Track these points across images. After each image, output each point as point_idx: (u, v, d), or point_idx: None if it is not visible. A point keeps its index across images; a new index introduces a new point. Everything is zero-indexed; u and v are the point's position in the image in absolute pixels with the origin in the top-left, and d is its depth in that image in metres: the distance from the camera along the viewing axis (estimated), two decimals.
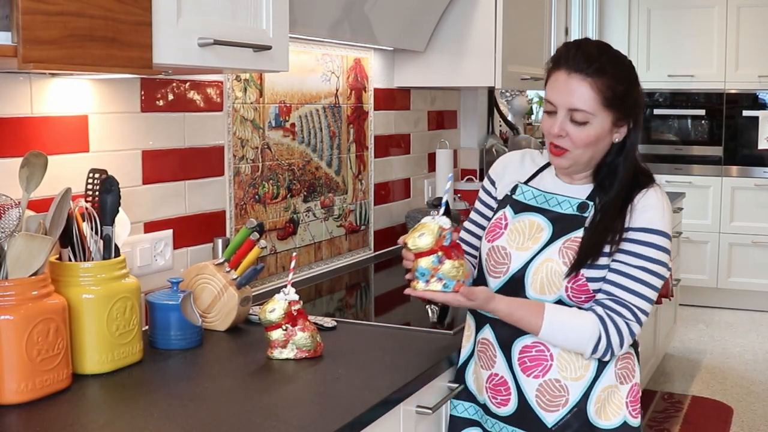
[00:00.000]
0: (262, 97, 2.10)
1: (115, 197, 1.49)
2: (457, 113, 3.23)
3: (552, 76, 1.47)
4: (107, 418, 1.29)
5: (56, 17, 1.15)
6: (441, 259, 1.36)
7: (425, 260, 1.36)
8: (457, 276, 1.37)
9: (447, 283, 1.37)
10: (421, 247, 1.36)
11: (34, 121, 1.51)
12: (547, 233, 1.48)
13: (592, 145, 1.45)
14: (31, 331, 1.30)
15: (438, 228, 1.36)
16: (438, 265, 1.36)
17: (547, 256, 1.46)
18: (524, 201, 1.53)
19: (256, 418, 1.27)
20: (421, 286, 1.39)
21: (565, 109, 1.43)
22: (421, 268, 1.37)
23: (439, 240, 1.36)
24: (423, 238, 1.36)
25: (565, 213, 1.49)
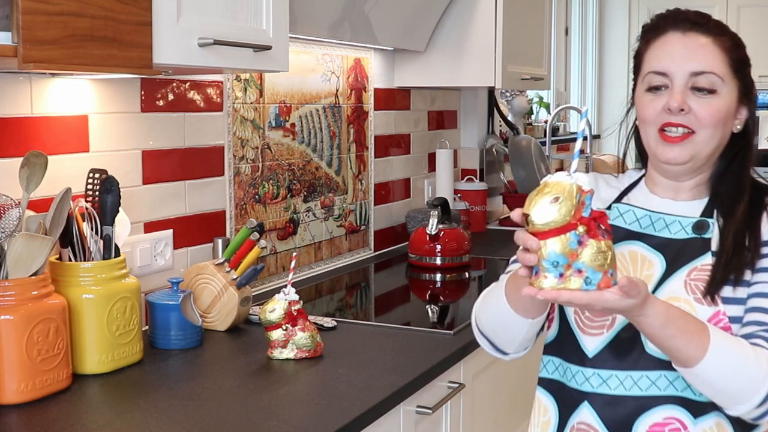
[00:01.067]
0: (262, 97, 2.10)
1: (115, 197, 1.49)
2: (457, 113, 3.23)
3: (655, 43, 1.15)
4: (107, 418, 1.29)
5: (56, 17, 1.15)
6: (582, 238, 0.90)
7: (558, 241, 0.90)
8: (604, 265, 0.92)
9: (590, 277, 0.91)
10: (554, 220, 0.90)
11: (34, 121, 1.51)
12: (660, 267, 1.12)
13: (720, 124, 1.12)
14: (31, 331, 1.30)
15: (575, 189, 0.91)
16: (578, 249, 0.90)
17: (670, 293, 1.09)
18: (624, 226, 1.16)
19: (256, 418, 1.27)
20: (551, 282, 0.92)
21: (685, 75, 1.11)
22: (552, 254, 0.91)
23: (578, 209, 0.91)
24: (556, 206, 0.90)
25: (676, 238, 1.13)
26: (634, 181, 1.23)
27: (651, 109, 1.13)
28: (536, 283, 0.93)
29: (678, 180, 1.17)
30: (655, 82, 1.13)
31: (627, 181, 1.24)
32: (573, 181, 0.91)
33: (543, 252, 0.91)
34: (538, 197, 0.91)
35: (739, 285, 1.09)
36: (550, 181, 0.92)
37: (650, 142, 1.15)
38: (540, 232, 0.91)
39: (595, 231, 0.91)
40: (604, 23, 5.59)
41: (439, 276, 2.39)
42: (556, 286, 0.92)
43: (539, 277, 0.93)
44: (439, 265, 2.42)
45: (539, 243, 0.91)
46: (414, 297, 2.32)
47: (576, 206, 0.90)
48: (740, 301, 1.08)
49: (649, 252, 1.13)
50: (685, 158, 1.12)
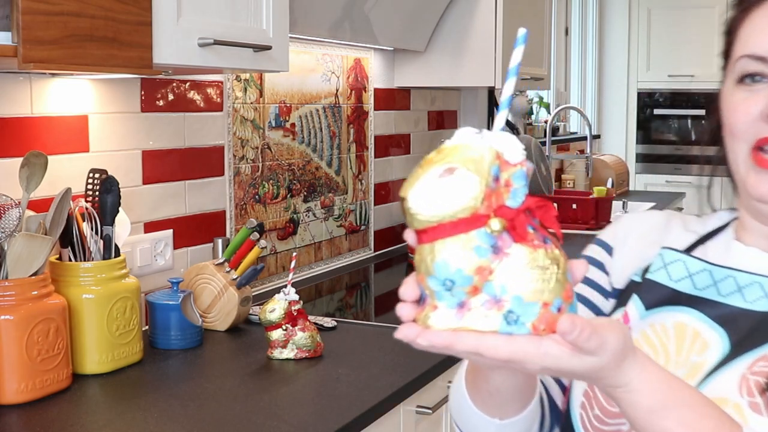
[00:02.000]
0: (262, 97, 2.10)
1: (115, 197, 1.49)
2: (458, 113, 3.24)
3: (756, 12, 0.77)
4: (107, 418, 1.29)
5: (56, 17, 1.15)
6: (499, 242, 0.54)
7: (455, 246, 0.53)
8: (544, 292, 0.54)
9: (515, 312, 0.54)
10: (447, 210, 0.53)
11: (34, 121, 1.51)
12: (718, 351, 0.75)
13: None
14: (32, 331, 1.30)
15: (493, 158, 0.54)
16: (492, 260, 0.54)
17: (715, 392, 0.71)
18: (667, 283, 0.79)
19: (256, 418, 1.27)
20: (442, 317, 0.55)
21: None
22: (443, 266, 0.53)
23: (496, 192, 0.54)
24: (451, 185, 0.53)
25: (753, 309, 0.76)
26: (721, 226, 0.85)
27: (742, 113, 0.76)
28: (420, 318, 0.55)
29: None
30: (751, 69, 0.76)
31: (713, 224, 0.86)
32: (486, 145, 0.54)
33: (428, 264, 0.53)
34: (422, 170, 0.54)
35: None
36: (447, 144, 0.55)
37: (739, 165, 0.77)
38: (425, 230, 0.53)
39: (525, 231, 0.54)
40: (604, 23, 5.60)
41: None
42: (450, 324, 0.54)
43: (425, 309, 0.55)
44: None
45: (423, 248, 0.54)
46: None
47: (489, 186, 0.53)
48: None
49: (706, 326, 0.76)
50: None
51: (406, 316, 0.56)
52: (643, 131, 5.59)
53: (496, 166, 0.54)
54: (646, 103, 5.56)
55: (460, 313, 0.54)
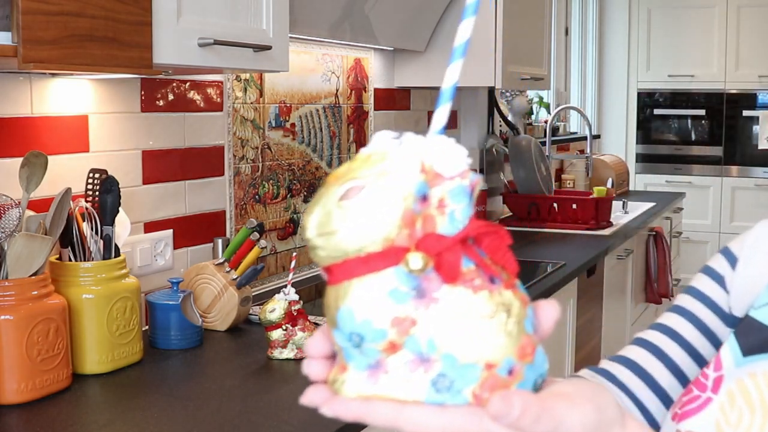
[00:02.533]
0: (262, 97, 2.10)
1: (115, 197, 1.49)
2: (458, 113, 3.24)
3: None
4: (107, 418, 1.29)
5: (56, 17, 1.15)
6: (425, 283, 0.40)
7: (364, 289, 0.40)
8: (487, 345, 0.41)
9: (447, 375, 0.41)
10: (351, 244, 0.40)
11: (34, 121, 1.52)
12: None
13: None
14: (32, 331, 1.30)
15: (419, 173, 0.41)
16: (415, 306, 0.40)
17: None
18: None
19: (256, 418, 1.27)
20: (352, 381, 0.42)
21: None
22: (348, 316, 0.41)
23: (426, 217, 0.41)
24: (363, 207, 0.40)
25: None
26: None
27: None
28: (329, 380, 0.44)
29: None
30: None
31: None
32: (409, 153, 0.42)
33: (332, 311, 0.42)
34: (325, 190, 0.42)
35: None
36: (362, 153, 0.43)
37: None
38: (329, 268, 0.42)
39: (458, 269, 0.41)
40: (604, 23, 5.60)
41: None
42: (363, 390, 0.43)
43: (334, 371, 0.44)
44: None
45: (329, 292, 0.42)
46: None
47: (411, 208, 0.41)
48: None
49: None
50: None
51: (314, 375, 0.45)
52: (643, 131, 5.59)
53: (421, 181, 0.40)
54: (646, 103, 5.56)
55: (374, 376, 0.42)
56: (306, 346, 0.45)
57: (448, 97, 0.44)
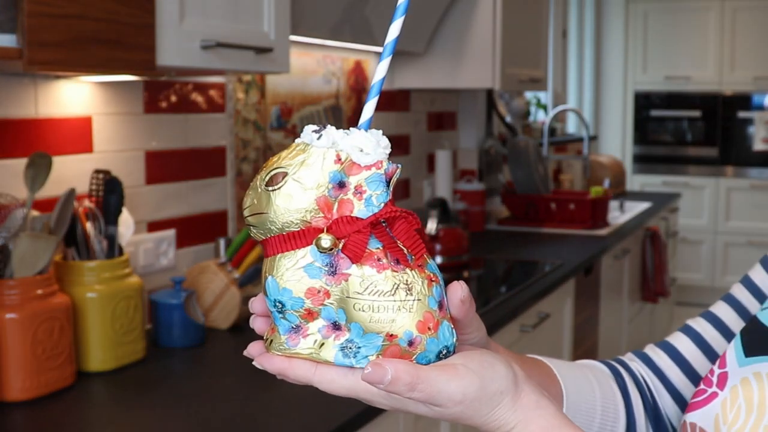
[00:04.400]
0: (264, 98, 2.12)
1: (118, 197, 1.51)
2: (457, 114, 3.25)
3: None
4: (111, 416, 1.31)
5: (61, 20, 1.16)
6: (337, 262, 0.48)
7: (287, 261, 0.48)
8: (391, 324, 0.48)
9: (356, 342, 0.49)
10: (270, 222, 0.49)
11: (38, 123, 1.53)
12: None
13: None
14: (36, 329, 1.32)
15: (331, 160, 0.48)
16: (326, 282, 0.48)
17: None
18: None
19: (258, 416, 1.28)
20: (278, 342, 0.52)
21: None
22: (273, 285, 0.49)
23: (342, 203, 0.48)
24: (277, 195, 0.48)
25: None
26: None
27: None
28: (266, 339, 0.53)
29: None
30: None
31: None
32: (326, 144, 0.48)
33: (262, 281, 0.50)
34: (258, 176, 0.49)
35: None
36: (294, 143, 0.50)
37: None
38: (262, 243, 0.50)
39: (360, 249, 0.47)
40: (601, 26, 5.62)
41: None
42: (285, 348, 0.50)
43: (267, 331, 0.52)
44: (438, 265, 2.42)
45: (263, 264, 0.50)
46: None
47: (327, 194, 0.47)
48: None
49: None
50: None
51: (257, 329, 0.53)
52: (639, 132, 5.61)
53: (336, 171, 0.47)
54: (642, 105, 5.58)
55: (296, 338, 0.49)
56: (250, 304, 0.52)
57: (376, 92, 0.51)
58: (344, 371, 0.48)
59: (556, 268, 2.42)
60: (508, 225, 3.23)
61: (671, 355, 0.76)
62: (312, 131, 0.48)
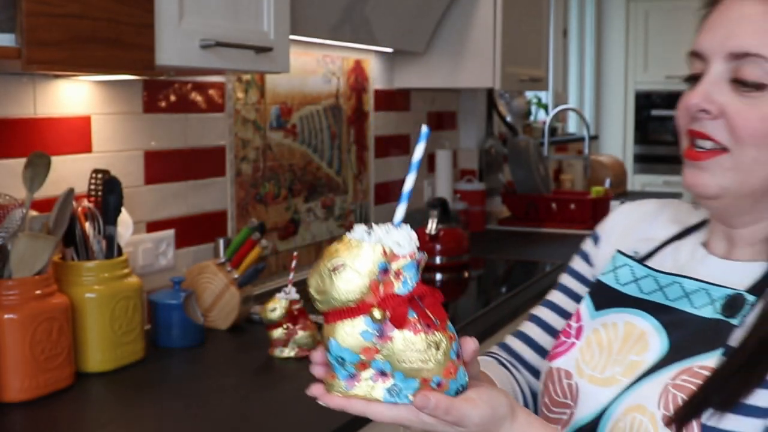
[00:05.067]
0: (264, 98, 2.11)
1: (117, 197, 1.50)
2: (457, 114, 3.25)
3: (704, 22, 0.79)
4: (110, 416, 1.30)
5: (60, 19, 1.16)
6: (383, 327, 0.63)
7: (342, 329, 0.64)
8: (421, 370, 0.64)
9: (398, 386, 0.65)
10: (336, 298, 0.64)
11: (37, 122, 1.53)
12: (656, 353, 0.77)
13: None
14: (35, 329, 1.31)
15: (380, 255, 0.63)
16: (376, 342, 0.63)
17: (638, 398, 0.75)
18: (615, 285, 0.84)
19: (257, 416, 1.28)
20: (339, 385, 0.67)
21: (721, 54, 0.74)
22: (334, 345, 0.65)
23: (385, 283, 0.63)
24: (341, 278, 0.63)
25: (698, 315, 0.77)
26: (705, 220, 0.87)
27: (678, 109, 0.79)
28: (325, 381, 0.68)
29: (729, 225, 0.79)
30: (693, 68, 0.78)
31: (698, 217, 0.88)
32: (375, 243, 0.63)
33: (325, 341, 0.65)
34: (321, 263, 0.65)
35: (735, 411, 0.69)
36: (344, 238, 0.65)
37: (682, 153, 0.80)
38: (324, 313, 0.65)
39: (404, 318, 0.62)
40: (602, 25, 5.61)
41: (439, 276, 2.40)
42: (344, 390, 0.66)
43: (327, 376, 0.67)
44: (439, 265, 2.43)
45: (325, 328, 0.65)
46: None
47: (376, 278, 0.62)
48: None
49: (652, 328, 0.78)
50: (710, 189, 0.76)
51: (317, 374, 0.69)
52: (640, 132, 5.60)
53: (382, 261, 0.63)
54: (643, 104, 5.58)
55: (352, 382, 0.66)
56: (312, 355, 0.68)
57: (406, 198, 0.66)
58: (390, 406, 0.65)
59: (556, 268, 2.42)
60: (509, 225, 3.23)
61: (523, 340, 0.97)
62: (363, 231, 0.64)
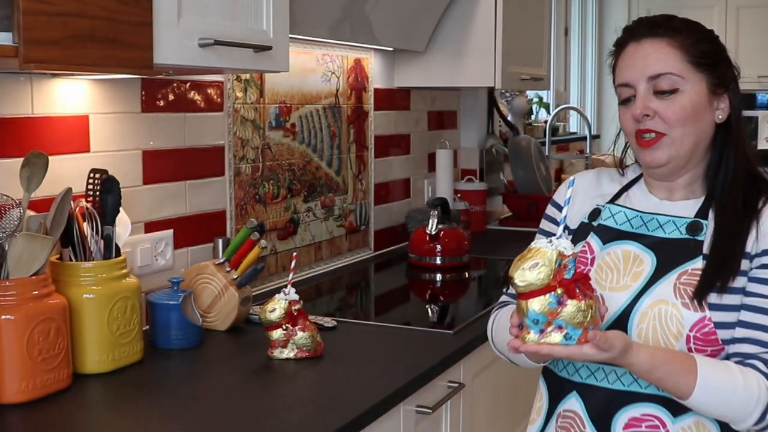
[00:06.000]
0: (263, 97, 2.10)
1: (115, 197, 1.50)
2: (457, 113, 3.24)
3: (619, 59, 1.20)
4: (108, 418, 1.30)
5: (57, 18, 1.15)
6: (561, 299, 1.00)
7: (538, 302, 1.00)
8: (584, 322, 1.00)
9: (570, 333, 1.01)
10: (533, 284, 0.99)
11: (35, 122, 1.52)
12: (650, 265, 1.16)
13: (690, 120, 1.13)
14: (32, 330, 1.30)
15: (557, 255, 1.00)
16: (557, 308, 1.00)
17: (659, 296, 1.13)
18: (615, 226, 1.21)
19: (256, 418, 1.27)
20: (532, 337, 1.01)
21: (644, 80, 1.15)
22: (532, 312, 1.00)
23: (559, 272, 1.00)
24: (536, 271, 0.99)
25: (670, 238, 1.17)
26: (636, 177, 1.27)
27: (624, 120, 1.18)
28: (521, 336, 1.03)
29: (669, 180, 1.21)
30: (625, 95, 1.18)
31: (630, 176, 1.28)
32: (554, 249, 1.00)
33: (524, 311, 1.01)
34: (520, 262, 1.02)
35: (726, 292, 1.11)
36: (533, 246, 1.02)
37: (633, 149, 1.22)
38: (522, 293, 1.01)
39: (574, 292, 1.00)
40: (603, 23, 5.60)
41: (439, 276, 2.39)
42: (536, 340, 1.02)
43: (523, 332, 1.03)
44: (439, 265, 2.42)
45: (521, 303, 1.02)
46: (414, 297, 2.32)
47: (555, 271, 1.00)
48: (727, 307, 1.11)
49: (641, 251, 1.17)
50: (662, 160, 1.16)
51: (514, 334, 1.04)
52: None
53: (558, 259, 1.01)
54: None
55: (542, 335, 1.02)
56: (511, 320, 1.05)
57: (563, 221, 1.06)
58: (565, 347, 1.01)
59: None
60: (510, 225, 3.22)
61: None
62: (545, 241, 1.01)
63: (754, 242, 1.12)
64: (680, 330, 1.11)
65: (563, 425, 1.21)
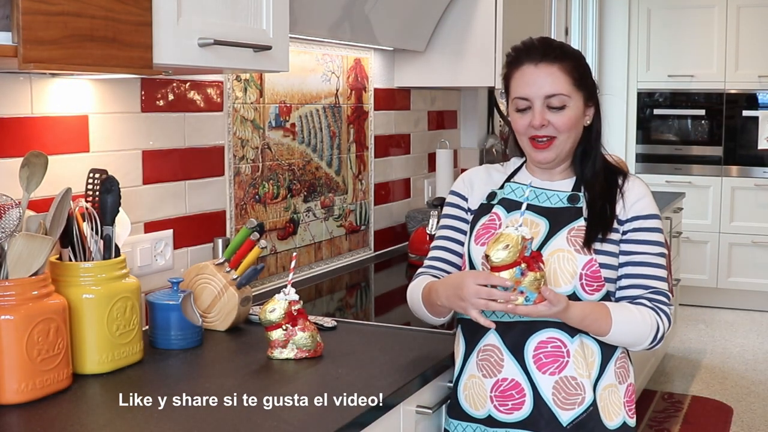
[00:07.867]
0: (263, 97, 2.10)
1: (115, 197, 1.49)
2: (457, 113, 3.24)
3: (515, 75, 1.49)
4: (107, 418, 1.29)
5: (57, 17, 1.15)
6: (524, 271, 1.31)
7: (507, 273, 1.31)
8: (538, 288, 1.32)
9: (528, 296, 1.32)
10: (505, 260, 1.30)
11: (34, 121, 1.52)
12: (544, 227, 1.48)
13: (573, 128, 1.49)
14: (32, 331, 1.30)
15: (521, 239, 1.31)
16: (521, 278, 1.31)
17: (555, 247, 1.46)
18: (516, 198, 1.53)
19: (256, 418, 1.27)
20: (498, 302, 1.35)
21: (541, 98, 1.46)
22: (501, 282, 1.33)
23: (522, 251, 1.31)
24: (506, 251, 1.30)
25: (556, 207, 1.50)
26: (518, 167, 1.60)
27: (521, 124, 1.49)
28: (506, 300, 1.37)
29: (552, 168, 1.55)
30: (521, 106, 1.49)
31: (512, 167, 1.61)
32: (519, 234, 1.32)
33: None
34: (494, 244, 1.32)
35: (605, 242, 1.48)
36: (503, 232, 1.33)
37: (525, 147, 1.53)
38: (496, 267, 1.33)
39: (533, 266, 1.32)
40: (603, 23, 5.59)
41: None
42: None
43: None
44: None
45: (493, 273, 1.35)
46: None
47: (520, 250, 1.31)
48: (606, 253, 1.47)
49: (536, 217, 1.50)
50: (552, 158, 1.50)
51: (484, 295, 1.36)
52: (642, 131, 5.58)
53: (522, 242, 1.31)
54: (645, 103, 5.56)
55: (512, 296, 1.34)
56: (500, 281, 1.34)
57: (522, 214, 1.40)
58: (525, 307, 1.34)
59: None
60: None
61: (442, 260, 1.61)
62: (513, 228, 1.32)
63: (622, 209, 1.50)
64: (575, 269, 1.44)
65: (484, 357, 1.49)
